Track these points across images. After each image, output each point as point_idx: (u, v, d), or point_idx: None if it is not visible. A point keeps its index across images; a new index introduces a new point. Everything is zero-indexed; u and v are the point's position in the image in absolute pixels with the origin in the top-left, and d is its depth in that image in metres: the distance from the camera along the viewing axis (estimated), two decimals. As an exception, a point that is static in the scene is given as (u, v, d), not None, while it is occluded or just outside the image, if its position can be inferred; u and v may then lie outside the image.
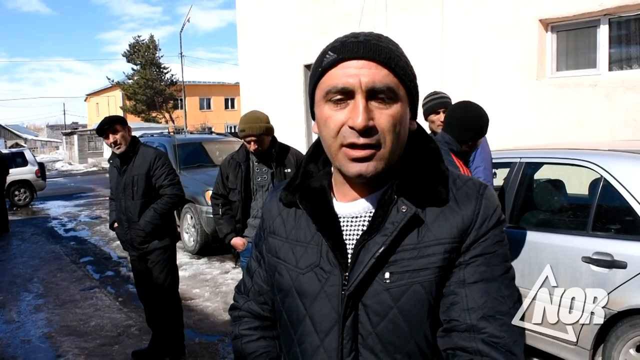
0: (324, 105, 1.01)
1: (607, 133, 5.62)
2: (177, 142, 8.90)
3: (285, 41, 10.10)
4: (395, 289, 1.00)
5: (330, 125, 1.00)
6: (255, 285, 1.27)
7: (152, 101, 40.16)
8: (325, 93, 1.00)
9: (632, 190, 3.19)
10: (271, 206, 1.22)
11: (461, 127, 3.23)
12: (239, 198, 3.82)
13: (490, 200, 1.04)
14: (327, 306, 1.05)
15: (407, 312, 1.00)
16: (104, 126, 4.01)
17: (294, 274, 1.10)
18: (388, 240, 1.00)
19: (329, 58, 1.00)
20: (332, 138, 1.00)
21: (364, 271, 1.00)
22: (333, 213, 1.08)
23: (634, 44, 5.98)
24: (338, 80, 0.98)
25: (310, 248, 1.09)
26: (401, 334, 1.01)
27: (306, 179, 1.15)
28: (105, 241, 9.58)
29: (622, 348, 3.15)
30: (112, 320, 5.41)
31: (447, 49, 7.36)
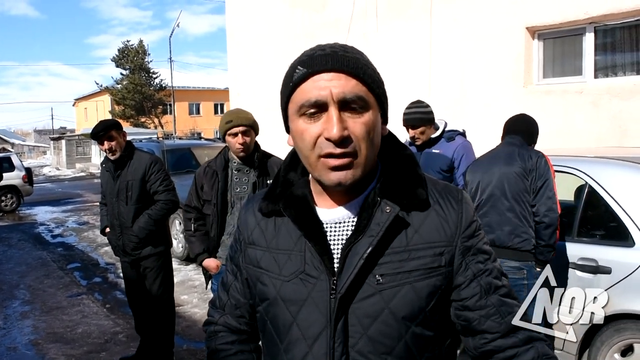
0: (298, 119, 1.03)
1: (593, 140, 5.68)
2: (166, 147, 8.88)
3: (274, 47, 10.12)
4: (387, 290, 1.03)
5: (307, 138, 1.02)
6: (231, 298, 1.27)
7: (141, 106, 39.96)
8: (299, 107, 1.02)
9: (616, 196, 3.23)
10: (248, 217, 1.22)
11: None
12: (214, 211, 3.36)
13: (469, 204, 1.13)
14: (315, 312, 1.05)
15: (398, 313, 1.03)
16: (99, 132, 3.96)
17: (278, 282, 1.10)
18: (375, 240, 1.03)
19: (299, 72, 1.02)
20: (309, 150, 1.03)
21: (354, 272, 1.02)
22: (317, 219, 1.09)
23: (619, 52, 6.06)
24: (310, 94, 1.00)
25: (294, 255, 1.10)
26: (392, 335, 1.04)
27: (287, 187, 1.16)
28: (93, 247, 9.51)
29: (607, 353, 3.19)
30: (99, 327, 5.37)
31: (435, 55, 7.41)
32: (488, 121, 6.57)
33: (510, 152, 3.33)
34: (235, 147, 3.28)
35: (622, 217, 3.17)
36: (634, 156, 3.67)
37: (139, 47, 41.13)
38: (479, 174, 3.38)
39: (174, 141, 11.10)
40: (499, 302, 1.09)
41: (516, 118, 3.62)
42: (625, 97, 5.70)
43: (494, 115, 6.56)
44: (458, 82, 7.14)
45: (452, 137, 3.90)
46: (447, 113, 6.81)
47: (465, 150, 3.82)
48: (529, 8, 6.39)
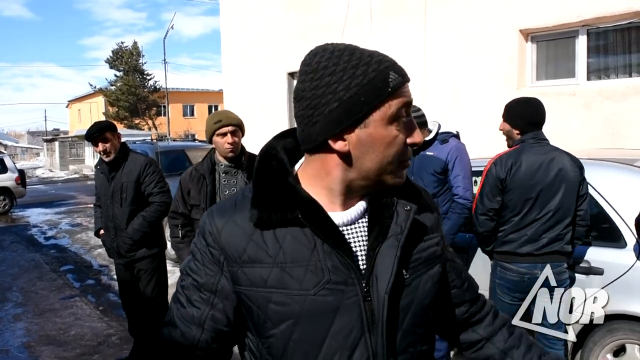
0: (388, 125, 1.02)
1: (585, 141, 5.71)
2: (160, 149, 8.87)
3: (268, 48, 10.12)
4: (412, 283, 1.10)
5: (399, 144, 1.04)
6: (207, 333, 1.11)
7: (135, 108, 39.90)
8: (396, 112, 1.02)
9: (609, 198, 3.25)
10: (232, 232, 1.07)
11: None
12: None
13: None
14: (350, 319, 1.03)
15: (423, 302, 1.11)
16: (94, 134, 3.95)
17: (301, 298, 1.02)
18: (402, 239, 1.07)
19: (396, 79, 1.02)
20: (397, 156, 1.04)
21: (393, 273, 1.04)
22: (334, 224, 1.05)
23: (612, 54, 6.10)
24: (406, 98, 1.04)
25: (312, 266, 1.02)
26: (422, 324, 1.11)
27: (292, 193, 1.06)
28: (86, 249, 9.47)
29: (600, 353, 3.20)
30: (92, 329, 5.35)
31: (429, 57, 7.43)
32: (482, 123, 6.59)
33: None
34: (224, 148, 3.22)
35: (614, 219, 3.19)
36: (626, 158, 3.70)
37: (133, 49, 41.10)
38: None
39: (168, 143, 11.08)
40: (467, 275, 1.33)
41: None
42: (618, 99, 5.73)
43: (487, 117, 6.58)
44: (452, 85, 7.16)
45: (446, 139, 3.90)
46: (441, 115, 6.82)
47: (459, 152, 3.81)
48: (523, 11, 6.43)
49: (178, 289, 1.16)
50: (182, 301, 1.13)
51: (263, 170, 1.10)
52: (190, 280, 1.12)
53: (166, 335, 1.15)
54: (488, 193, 3.11)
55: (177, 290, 1.16)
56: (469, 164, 3.82)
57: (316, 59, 1.03)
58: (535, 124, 3.17)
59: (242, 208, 1.09)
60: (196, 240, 1.14)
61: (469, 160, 3.85)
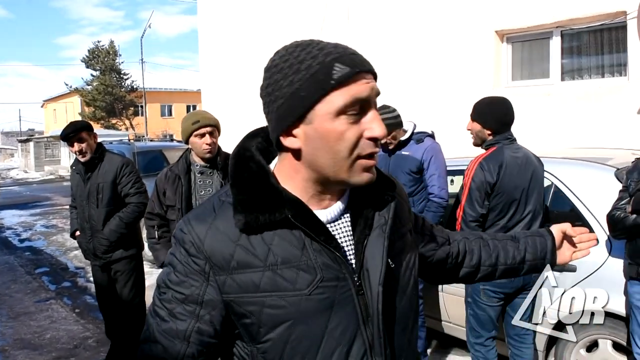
0: (335, 119, 0.97)
1: (559, 141, 5.80)
2: (137, 149, 8.79)
3: (246, 48, 10.08)
4: (396, 270, 1.12)
5: (350, 139, 0.98)
6: (192, 346, 1.06)
7: (112, 108, 39.46)
8: (342, 106, 0.97)
9: (581, 196, 3.32)
10: (216, 240, 1.04)
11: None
12: (179, 216, 3.19)
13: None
14: (346, 315, 1.03)
15: (406, 288, 1.15)
16: (69, 134, 3.90)
17: (296, 299, 1.00)
18: (387, 229, 1.09)
19: (342, 70, 0.97)
20: (348, 151, 0.99)
21: (384, 264, 1.06)
22: (322, 222, 1.05)
23: (585, 55, 6.21)
24: (356, 91, 0.98)
25: (304, 265, 1.01)
26: (408, 310, 1.15)
27: (277, 194, 1.03)
28: (62, 251, 9.33)
29: (573, 349, 3.26)
30: (68, 332, 5.28)
31: (406, 57, 7.48)
32: (458, 123, 6.64)
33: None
34: (203, 148, 3.20)
35: (586, 216, 3.25)
36: (599, 157, 3.78)
37: (109, 48, 40.67)
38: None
39: (146, 143, 10.99)
40: (437, 230, 1.45)
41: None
42: (591, 99, 5.84)
43: (464, 118, 6.65)
44: (429, 84, 7.22)
45: (421, 138, 3.94)
46: (418, 115, 6.86)
47: (434, 151, 3.86)
48: (498, 12, 6.51)
49: (156, 303, 1.10)
50: (162, 315, 1.08)
51: (241, 173, 1.07)
52: (172, 292, 1.07)
53: (146, 352, 1.10)
54: (478, 199, 3.01)
55: (155, 304, 1.10)
56: (444, 163, 3.87)
57: (273, 57, 1.03)
58: (508, 124, 3.19)
59: (223, 213, 1.06)
60: (175, 250, 1.09)
61: (444, 159, 3.90)
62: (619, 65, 5.91)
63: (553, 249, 1.48)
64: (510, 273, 1.50)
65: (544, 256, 1.48)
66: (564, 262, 1.51)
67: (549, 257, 1.48)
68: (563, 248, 1.51)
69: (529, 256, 1.48)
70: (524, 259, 1.48)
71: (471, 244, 1.48)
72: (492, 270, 1.48)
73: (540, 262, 1.49)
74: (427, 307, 4.03)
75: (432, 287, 4.02)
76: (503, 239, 1.52)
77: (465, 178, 3.09)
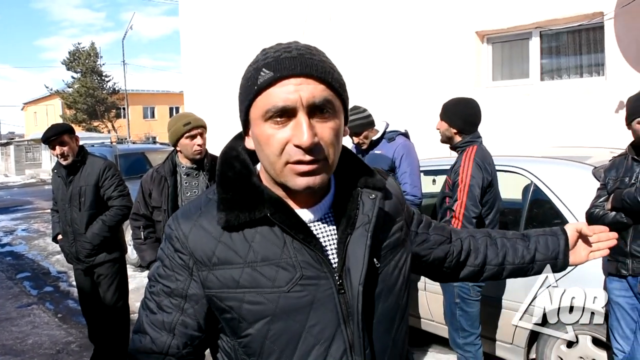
0: (263, 123, 0.99)
1: (539, 140, 5.88)
2: (119, 152, 8.73)
3: (229, 48, 10.06)
4: (383, 270, 1.11)
5: (274, 145, 0.99)
6: (177, 338, 1.10)
7: (94, 110, 39.08)
8: (265, 112, 0.98)
9: (560, 194, 3.37)
10: (199, 236, 1.07)
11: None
12: (166, 217, 3.21)
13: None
14: (326, 313, 1.04)
15: (393, 288, 1.13)
16: (51, 137, 3.87)
17: (275, 295, 1.02)
18: (370, 227, 1.08)
19: (265, 76, 0.98)
20: (276, 156, 0.99)
21: (366, 263, 1.05)
22: (303, 221, 1.05)
23: (564, 55, 6.30)
24: (278, 99, 0.97)
25: (284, 263, 1.03)
26: (393, 309, 1.13)
27: (258, 193, 1.06)
28: (43, 256, 9.21)
29: (554, 345, 3.31)
30: (50, 337, 5.22)
31: (388, 58, 7.53)
32: (440, 123, 6.70)
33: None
34: (194, 149, 3.21)
35: (565, 215, 3.30)
36: (578, 156, 3.84)
37: (90, 50, 40.28)
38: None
39: (128, 146, 10.91)
40: (437, 227, 1.42)
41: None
42: (570, 99, 5.93)
43: (446, 117, 6.71)
44: (411, 85, 7.27)
45: (393, 137, 3.98)
46: (399, 115, 6.92)
47: (405, 149, 3.90)
48: (479, 13, 6.58)
49: (147, 296, 1.15)
50: (151, 307, 1.12)
51: (226, 172, 1.10)
52: (160, 286, 1.11)
53: (136, 343, 1.13)
54: (478, 196, 3.06)
55: (146, 297, 1.15)
56: (416, 160, 3.91)
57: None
58: (474, 124, 3.25)
59: (208, 211, 1.09)
60: (163, 246, 1.13)
61: (417, 157, 3.94)
62: (597, 66, 6.00)
63: (566, 249, 1.42)
64: (519, 273, 1.46)
65: (555, 256, 1.42)
66: (579, 262, 1.44)
67: (561, 257, 1.42)
68: (578, 248, 1.44)
69: (540, 256, 1.43)
70: (533, 258, 1.43)
71: (477, 242, 1.45)
72: (499, 270, 1.44)
73: (551, 261, 1.43)
74: (409, 304, 4.05)
75: (413, 284, 4.05)
76: (512, 238, 1.47)
77: (462, 176, 3.11)
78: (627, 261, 2.89)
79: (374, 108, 4.35)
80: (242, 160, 1.11)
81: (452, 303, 3.28)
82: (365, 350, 1.06)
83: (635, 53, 5.41)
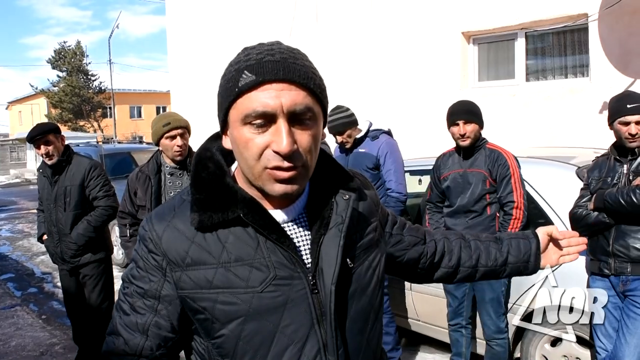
0: (242, 127, 0.98)
1: (524, 140, 5.92)
2: (105, 151, 8.67)
3: (215, 48, 10.02)
4: (356, 270, 1.12)
5: (252, 149, 0.98)
6: (152, 339, 1.10)
7: (80, 109, 38.73)
8: (244, 115, 0.97)
9: (544, 194, 3.40)
10: (173, 237, 1.06)
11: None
12: None
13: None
14: (299, 313, 1.04)
15: (367, 288, 1.13)
16: (35, 136, 3.83)
17: (248, 296, 1.02)
18: (344, 228, 1.08)
19: (247, 79, 0.97)
20: (254, 161, 0.99)
21: (338, 263, 1.05)
22: (276, 221, 1.05)
23: (549, 56, 6.35)
24: (258, 104, 0.96)
25: (257, 263, 1.03)
26: (367, 309, 1.13)
27: (231, 194, 1.06)
28: (28, 256, 9.12)
29: (538, 343, 3.34)
30: (34, 339, 5.17)
31: (374, 58, 7.54)
32: (426, 123, 6.74)
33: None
34: (174, 150, 3.22)
35: (549, 214, 3.33)
36: (563, 156, 3.87)
37: (76, 48, 39.93)
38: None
39: (114, 145, 10.83)
40: (411, 229, 1.43)
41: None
42: (555, 99, 5.98)
43: (431, 118, 6.74)
44: (397, 85, 7.29)
45: (377, 135, 4.01)
46: (386, 114, 6.95)
47: (389, 147, 3.92)
48: (465, 14, 6.61)
49: (120, 297, 1.14)
50: (124, 309, 1.12)
51: (200, 172, 1.10)
52: (134, 287, 1.11)
53: (110, 345, 1.13)
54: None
55: (120, 299, 1.14)
56: (400, 158, 3.94)
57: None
58: None
59: (182, 212, 1.09)
60: (137, 247, 1.12)
61: (401, 155, 3.97)
62: (581, 67, 6.06)
63: (537, 252, 1.45)
64: (491, 275, 1.48)
65: (527, 259, 1.45)
66: (550, 264, 1.48)
67: (532, 260, 1.44)
68: (549, 251, 1.47)
69: (512, 258, 1.45)
70: (506, 261, 1.45)
71: (451, 244, 1.46)
72: (472, 272, 1.46)
73: (523, 264, 1.45)
74: (396, 305, 4.07)
75: (400, 284, 4.06)
76: (486, 240, 1.49)
77: (511, 171, 3.28)
78: (610, 260, 2.92)
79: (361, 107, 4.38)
80: (216, 161, 1.10)
81: (500, 293, 3.31)
82: (338, 350, 1.06)
83: (618, 54, 5.46)
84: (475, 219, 3.34)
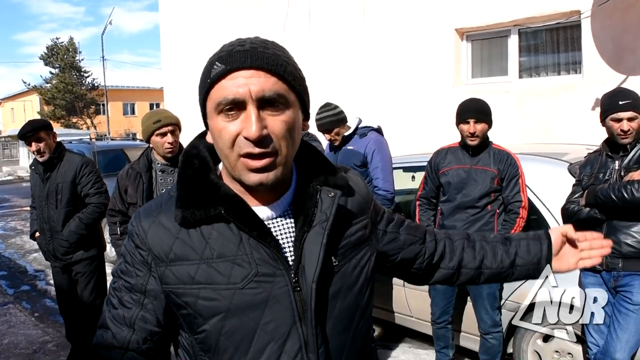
0: (217, 116, 1.01)
1: (517, 137, 5.94)
2: (97, 148, 8.64)
3: (209, 45, 9.97)
4: (342, 269, 1.11)
5: (225, 137, 1.00)
6: (138, 333, 1.11)
7: (73, 106, 38.54)
8: (217, 105, 1.00)
9: (536, 190, 3.41)
10: (156, 233, 1.08)
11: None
12: None
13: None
14: (280, 310, 1.04)
15: (353, 287, 1.12)
16: (27, 133, 3.81)
17: (229, 292, 1.03)
18: (328, 225, 1.07)
19: (217, 69, 1.00)
20: (228, 149, 1.01)
21: (320, 261, 1.05)
22: (259, 218, 1.06)
23: (542, 53, 6.37)
24: (228, 91, 0.99)
25: (240, 260, 1.04)
26: (352, 309, 1.12)
27: (215, 190, 1.07)
28: (20, 254, 9.08)
29: (530, 339, 3.35)
30: (27, 336, 5.14)
31: (367, 55, 7.54)
32: (419, 120, 6.75)
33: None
34: (164, 147, 3.21)
35: (541, 210, 3.35)
36: (555, 152, 3.89)
37: (69, 45, 39.69)
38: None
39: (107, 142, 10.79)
40: (409, 227, 1.37)
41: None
42: (548, 96, 5.99)
43: (425, 114, 6.76)
44: (390, 82, 7.29)
45: (365, 133, 4.01)
46: (379, 111, 6.96)
47: (377, 145, 3.92)
48: (458, 10, 6.62)
49: (110, 292, 1.16)
50: (113, 303, 1.14)
51: (186, 169, 1.11)
52: (122, 282, 1.12)
53: (99, 338, 1.15)
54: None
55: (109, 293, 1.16)
56: (388, 155, 3.93)
57: None
58: None
59: (168, 208, 1.10)
60: (126, 242, 1.14)
61: (389, 152, 3.96)
62: (574, 63, 6.08)
63: (548, 254, 1.35)
64: (497, 278, 1.40)
65: (537, 261, 1.35)
66: (565, 269, 1.36)
67: (543, 263, 1.34)
68: (565, 254, 1.36)
69: (520, 261, 1.36)
70: (513, 263, 1.36)
71: (453, 244, 1.39)
72: (475, 274, 1.37)
73: (532, 267, 1.35)
74: (381, 299, 4.09)
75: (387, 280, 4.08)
76: (492, 241, 1.41)
77: (520, 171, 3.34)
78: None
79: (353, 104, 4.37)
80: (202, 158, 1.13)
81: (496, 287, 3.35)
82: (319, 349, 1.05)
83: (611, 51, 5.49)
84: (476, 215, 3.36)
